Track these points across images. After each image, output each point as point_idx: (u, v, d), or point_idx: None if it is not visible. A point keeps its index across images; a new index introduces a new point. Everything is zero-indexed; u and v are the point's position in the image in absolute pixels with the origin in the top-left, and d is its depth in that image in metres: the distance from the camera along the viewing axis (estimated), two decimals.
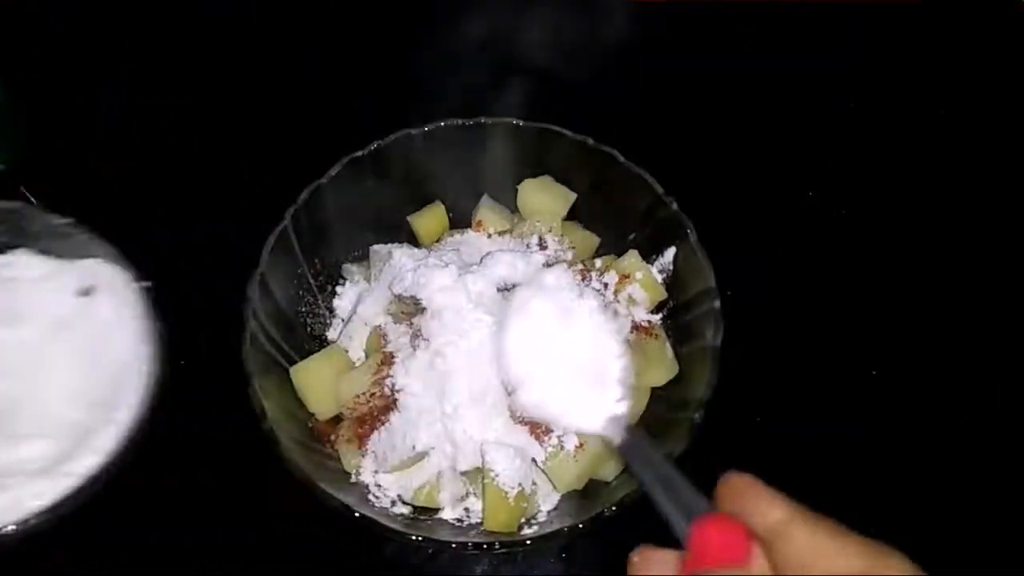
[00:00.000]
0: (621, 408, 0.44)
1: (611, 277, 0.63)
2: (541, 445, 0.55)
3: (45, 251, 0.57)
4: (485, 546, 0.50)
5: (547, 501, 0.57)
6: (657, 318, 0.64)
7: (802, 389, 0.67)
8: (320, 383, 0.59)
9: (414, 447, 0.56)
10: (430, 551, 0.58)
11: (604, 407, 0.44)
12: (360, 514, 0.50)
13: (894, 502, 0.63)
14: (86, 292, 0.54)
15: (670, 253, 0.63)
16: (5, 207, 0.54)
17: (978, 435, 0.66)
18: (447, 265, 0.58)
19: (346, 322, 0.64)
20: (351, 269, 0.67)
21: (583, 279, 0.61)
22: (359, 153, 0.64)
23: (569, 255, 0.63)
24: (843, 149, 0.81)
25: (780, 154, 0.80)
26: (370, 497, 0.57)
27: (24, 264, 0.57)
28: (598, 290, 0.62)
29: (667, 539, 0.60)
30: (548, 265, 0.59)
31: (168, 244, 0.68)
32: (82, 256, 0.56)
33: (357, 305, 0.64)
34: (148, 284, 0.53)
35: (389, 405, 0.58)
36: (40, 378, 0.54)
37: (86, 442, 0.52)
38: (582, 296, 0.50)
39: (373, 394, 0.58)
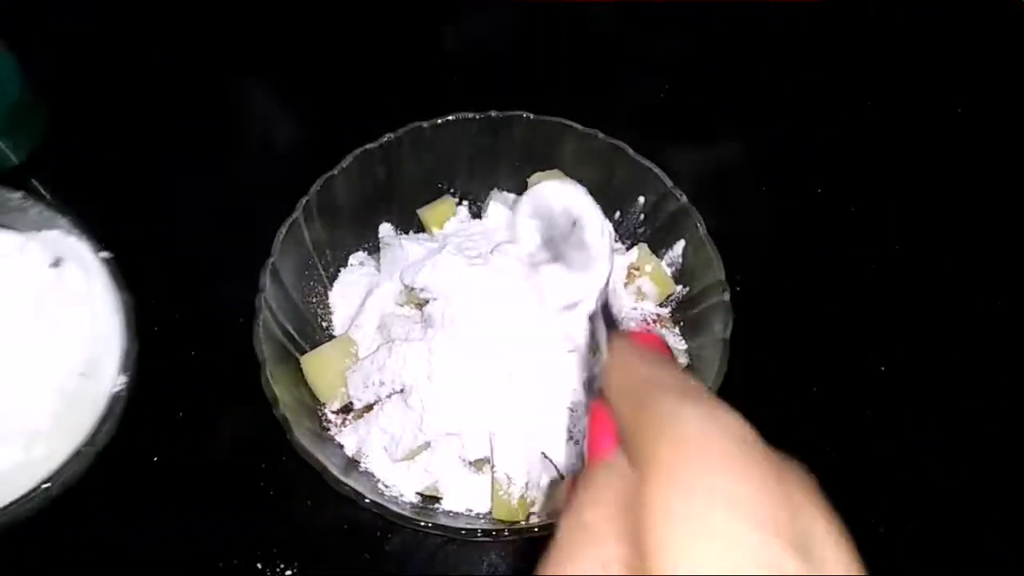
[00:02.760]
0: None
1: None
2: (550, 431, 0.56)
3: (6, 226, 0.56)
4: (494, 532, 0.51)
5: (556, 490, 0.58)
6: (666, 311, 0.65)
7: (808, 384, 0.67)
8: (330, 372, 0.60)
9: (422, 436, 0.56)
10: (438, 540, 0.59)
11: None
12: (369, 500, 0.51)
13: (901, 499, 0.63)
14: (56, 263, 0.54)
15: (679, 246, 0.64)
16: None
17: (987, 434, 0.66)
18: (457, 254, 0.58)
19: (357, 313, 0.64)
20: (358, 256, 0.68)
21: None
22: (370, 146, 0.64)
23: None
24: (852, 146, 0.82)
25: (788, 147, 0.81)
26: (379, 486, 0.58)
27: None
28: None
29: None
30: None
31: (186, 232, 0.69)
32: (40, 228, 0.56)
33: (367, 297, 0.64)
34: (110, 255, 0.52)
35: (397, 394, 0.58)
36: (21, 351, 0.54)
37: (73, 413, 0.52)
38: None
39: (382, 383, 0.58)
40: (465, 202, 0.70)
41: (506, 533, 0.51)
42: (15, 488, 0.46)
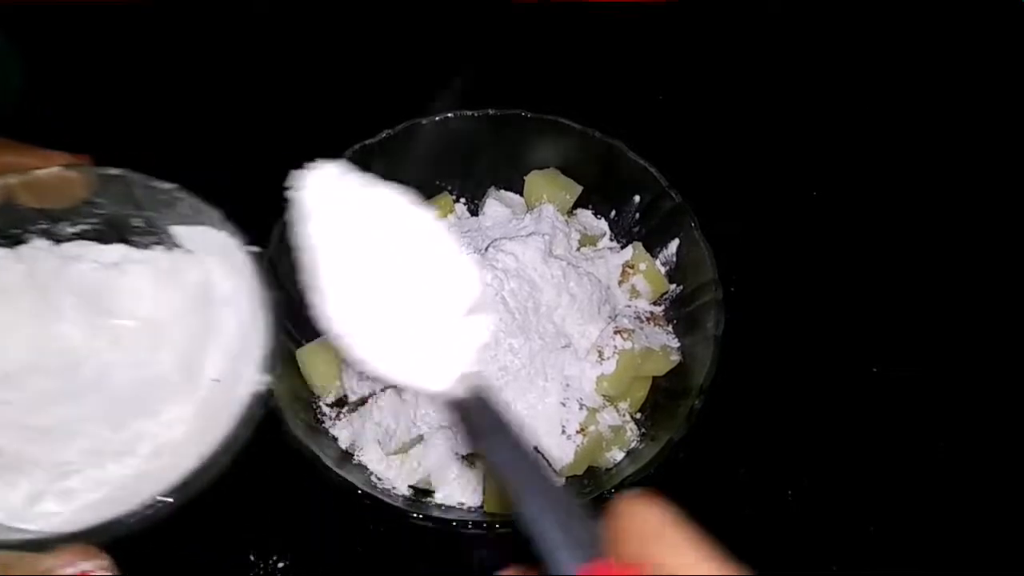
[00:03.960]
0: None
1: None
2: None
3: (149, 221, 0.51)
4: (485, 524, 0.51)
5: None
6: (660, 309, 0.65)
7: (802, 384, 0.67)
8: (325, 365, 0.60)
9: (416, 429, 0.57)
10: (431, 534, 0.59)
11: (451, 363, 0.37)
12: (362, 491, 0.51)
13: (892, 498, 0.63)
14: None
15: (674, 245, 0.64)
16: (110, 174, 0.48)
17: (979, 434, 0.66)
18: None
19: None
20: None
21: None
22: (369, 141, 0.64)
23: (575, 240, 0.64)
24: (847, 148, 0.82)
25: (784, 149, 0.81)
26: (372, 478, 0.58)
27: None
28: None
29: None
30: (551, 253, 0.60)
31: None
32: (187, 223, 0.51)
33: None
34: (258, 249, 0.48)
35: (392, 388, 0.58)
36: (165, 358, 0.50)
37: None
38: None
39: (376, 377, 0.59)
40: (463, 199, 0.71)
41: (497, 526, 0.51)
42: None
